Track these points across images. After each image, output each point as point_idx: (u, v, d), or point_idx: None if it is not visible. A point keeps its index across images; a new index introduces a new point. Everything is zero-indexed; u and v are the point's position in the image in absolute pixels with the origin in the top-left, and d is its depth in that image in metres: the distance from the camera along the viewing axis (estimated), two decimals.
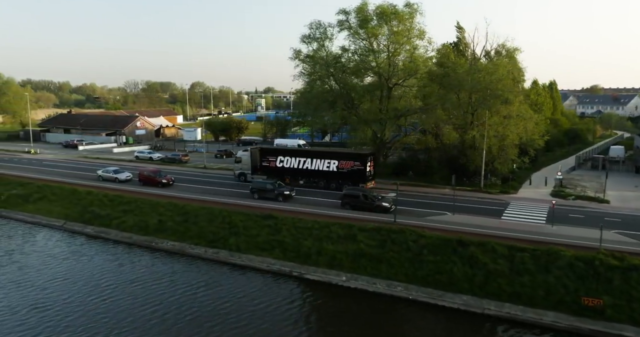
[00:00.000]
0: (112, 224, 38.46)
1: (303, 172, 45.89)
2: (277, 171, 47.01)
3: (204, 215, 37.28)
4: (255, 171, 48.72)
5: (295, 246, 31.56)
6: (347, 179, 43.75)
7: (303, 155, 46.19)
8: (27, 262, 32.88)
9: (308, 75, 52.93)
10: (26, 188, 48.30)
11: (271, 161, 47.38)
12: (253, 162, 48.67)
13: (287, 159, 46.42)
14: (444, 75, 44.48)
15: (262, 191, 42.14)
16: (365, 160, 43.30)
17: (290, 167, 46.36)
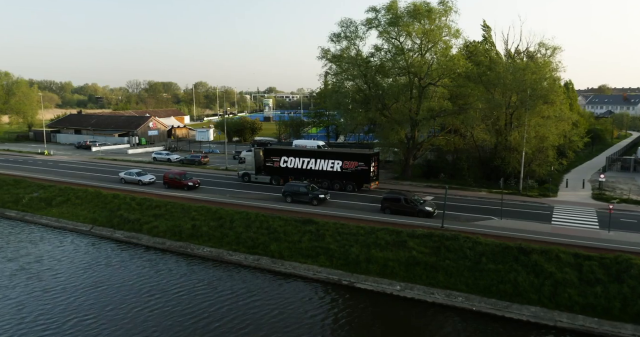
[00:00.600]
0: (143, 229, 37.06)
1: (307, 173, 45.70)
2: (281, 171, 46.94)
3: (240, 220, 35.86)
4: (259, 171, 48.64)
5: (342, 252, 30.16)
6: (351, 179, 43.66)
7: (307, 155, 45.92)
8: (60, 269, 31.52)
9: (335, 75, 51.48)
10: (48, 191, 46.88)
11: (275, 161, 47.26)
12: (257, 163, 48.55)
13: (290, 160, 46.31)
14: (481, 74, 43.09)
15: (296, 194, 40.74)
16: (369, 160, 43.02)
17: (294, 168, 46.19)
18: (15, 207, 44.70)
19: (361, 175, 43.36)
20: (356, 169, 43.39)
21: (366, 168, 43.10)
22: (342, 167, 43.95)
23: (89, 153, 77.06)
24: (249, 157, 49.20)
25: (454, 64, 42.13)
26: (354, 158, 43.61)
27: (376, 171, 44.85)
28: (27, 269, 31.53)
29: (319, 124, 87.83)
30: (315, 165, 45.20)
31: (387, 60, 46.91)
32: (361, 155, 43.94)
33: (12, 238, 38.29)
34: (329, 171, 44.62)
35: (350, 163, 43.54)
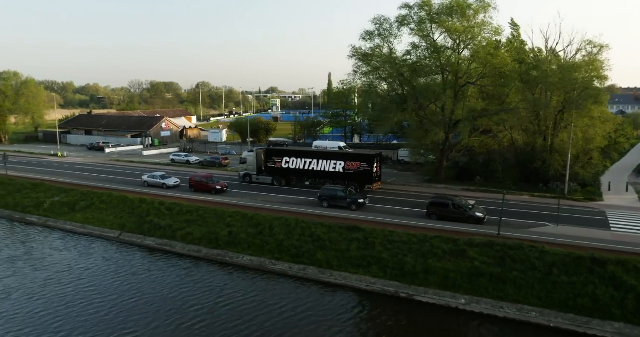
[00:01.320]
0: (176, 236, 35.20)
1: (309, 173, 45.45)
2: (283, 171, 46.68)
3: (280, 226, 34.03)
4: (260, 172, 48.39)
5: (396, 262, 28.33)
6: (353, 180, 43.23)
7: (309, 156, 45.54)
8: (92, 279, 29.68)
9: (364, 75, 49.63)
10: (69, 195, 45.03)
11: (277, 162, 46.92)
12: (258, 163, 48.26)
13: (292, 160, 45.98)
14: (523, 72, 41.32)
15: (333, 198, 38.93)
16: (372, 161, 42.62)
17: (296, 168, 45.86)
18: (37, 212, 42.84)
19: (364, 176, 42.80)
20: (359, 170, 42.86)
21: (369, 169, 42.50)
22: (344, 168, 43.47)
23: (103, 155, 75.22)
24: (250, 157, 48.82)
25: (499, 61, 40.27)
26: (357, 159, 43.16)
27: (379, 171, 44.34)
28: (57, 280, 29.68)
29: (336, 124, 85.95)
30: (317, 166, 44.77)
31: (423, 59, 45.03)
32: (364, 156, 43.55)
33: (37, 245, 36.47)
34: (331, 171, 44.21)
35: (353, 164, 43.02)
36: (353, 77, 51.02)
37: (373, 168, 42.76)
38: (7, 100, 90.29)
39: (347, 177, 43.58)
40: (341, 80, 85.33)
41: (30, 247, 36.17)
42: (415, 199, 41.71)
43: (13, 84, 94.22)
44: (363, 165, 42.80)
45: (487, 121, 45.43)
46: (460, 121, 42.83)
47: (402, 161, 63.01)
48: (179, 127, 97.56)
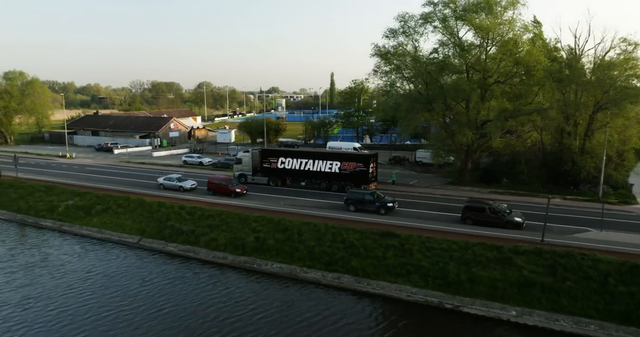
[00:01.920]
0: (200, 242, 33.73)
1: (305, 174, 45.26)
2: (279, 172, 46.56)
3: (309, 232, 32.56)
4: (256, 172, 48.30)
5: (437, 271, 26.87)
6: (349, 180, 43.09)
7: (305, 156, 45.41)
8: (115, 288, 28.19)
9: (385, 74, 48.15)
10: (84, 198, 43.55)
11: (272, 162, 46.78)
12: (254, 163, 48.22)
13: (288, 160, 45.80)
14: (556, 71, 39.87)
15: (360, 202, 37.47)
16: (368, 161, 42.50)
17: (292, 168, 45.68)
18: (51, 216, 41.33)
19: (360, 176, 42.58)
20: (355, 170, 42.74)
21: (365, 169, 42.35)
22: (340, 168, 43.32)
23: (112, 156, 73.77)
24: (245, 158, 48.72)
25: (533, 60, 38.77)
26: (353, 159, 43.19)
27: (375, 171, 44.05)
28: (78, 289, 28.21)
29: (348, 124, 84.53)
30: (313, 166, 44.52)
31: (448, 57, 43.54)
32: (360, 156, 43.64)
33: (53, 251, 34.97)
34: (327, 171, 44.01)
35: (349, 164, 42.92)
36: (373, 77, 49.49)
37: (369, 168, 42.47)
38: (12, 101, 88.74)
39: (343, 178, 43.39)
40: (353, 80, 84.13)
41: (47, 253, 34.71)
42: (444, 203, 40.29)
43: (18, 83, 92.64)
44: (359, 165, 42.56)
45: (513, 121, 44.00)
46: (491, 121, 41.35)
47: (420, 162, 61.59)
48: (187, 127, 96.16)
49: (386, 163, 64.12)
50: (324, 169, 44.11)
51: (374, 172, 43.65)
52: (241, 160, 49.06)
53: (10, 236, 38.59)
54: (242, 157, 49.05)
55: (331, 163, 43.67)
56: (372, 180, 43.50)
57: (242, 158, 49.00)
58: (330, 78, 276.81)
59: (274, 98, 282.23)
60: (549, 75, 40.87)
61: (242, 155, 49.28)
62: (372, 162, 43.04)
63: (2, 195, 46.77)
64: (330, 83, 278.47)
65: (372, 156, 43.69)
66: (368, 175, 42.51)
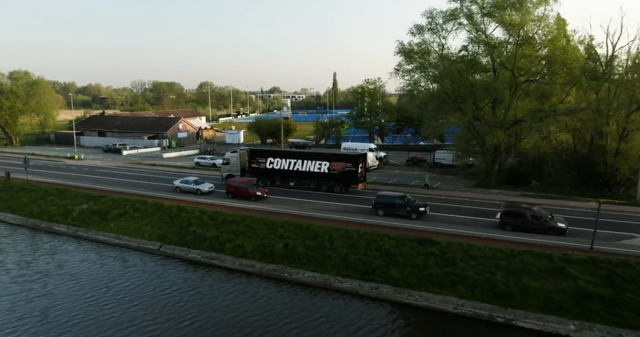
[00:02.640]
0: (225, 249, 32.12)
1: (293, 174, 45.23)
2: (267, 172, 46.49)
3: (341, 239, 30.97)
4: (244, 173, 48.39)
5: (484, 281, 25.28)
6: (338, 180, 43.21)
7: (294, 156, 45.48)
8: (136, 297, 26.60)
9: (408, 72, 46.54)
10: (99, 202, 41.95)
11: (261, 162, 46.69)
12: (242, 164, 48.30)
13: (277, 161, 45.81)
14: (590, 69, 38.28)
15: (390, 206, 35.88)
16: (356, 161, 42.57)
17: (281, 169, 45.66)
18: (65, 221, 39.72)
19: (349, 176, 42.71)
20: (343, 171, 42.77)
21: (354, 169, 42.38)
22: (329, 168, 43.39)
23: (121, 157, 72.19)
24: (233, 158, 48.67)
25: (570, 57, 37.16)
26: (342, 159, 43.27)
27: (363, 172, 44.15)
28: (97, 299, 26.63)
29: (361, 125, 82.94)
30: (302, 166, 44.56)
31: (478, 55, 41.94)
32: (349, 157, 43.66)
33: (69, 257, 33.34)
34: (316, 172, 44.03)
35: (338, 164, 43.00)
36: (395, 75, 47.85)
37: (358, 168, 42.48)
38: (18, 101, 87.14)
39: (332, 178, 43.41)
40: (366, 79, 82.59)
41: (62, 260, 33.10)
42: (476, 207, 38.70)
43: (24, 83, 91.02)
44: (348, 165, 42.53)
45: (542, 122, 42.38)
46: (523, 122, 39.75)
47: (439, 163, 60.01)
48: (196, 128, 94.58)
49: (403, 164, 62.61)
50: (313, 170, 44.05)
51: (362, 172, 43.72)
52: (229, 160, 48.98)
53: (24, 242, 37.01)
54: (230, 158, 48.89)
55: (320, 163, 43.65)
56: (361, 180, 43.58)
57: (230, 158, 48.87)
58: (332, 78, 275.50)
59: (276, 98, 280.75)
60: (583, 74, 39.28)
61: (230, 156, 49.08)
62: (360, 163, 43.10)
63: (13, 199, 45.18)
64: (333, 83, 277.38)
65: (360, 156, 43.84)
66: (357, 175, 42.50)
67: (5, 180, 50.97)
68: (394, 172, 57.20)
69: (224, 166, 49.80)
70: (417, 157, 63.37)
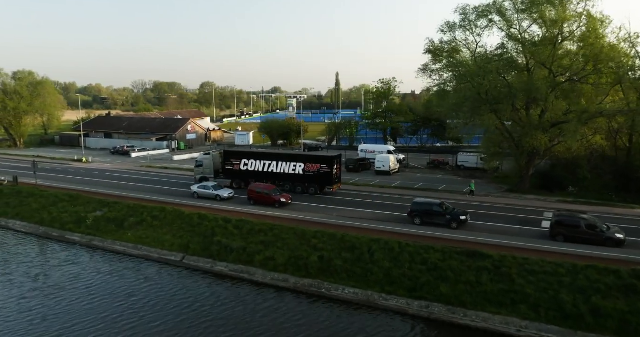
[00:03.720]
0: (254, 261, 29.85)
1: (268, 175, 44.82)
2: (242, 174, 45.96)
3: (381, 251, 28.70)
4: (217, 175, 47.74)
5: (549, 300, 23.01)
6: (313, 182, 42.98)
7: (268, 158, 45.10)
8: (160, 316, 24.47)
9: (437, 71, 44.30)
10: (114, 209, 39.68)
11: (235, 164, 46.19)
12: (215, 166, 47.66)
13: (251, 162, 45.40)
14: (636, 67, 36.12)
15: (428, 214, 33.61)
16: (332, 163, 42.37)
17: (255, 170, 45.23)
18: (78, 229, 37.45)
19: (324, 178, 42.56)
20: (318, 172, 42.60)
21: (329, 171, 42.26)
22: (304, 169, 43.18)
23: (130, 160, 69.89)
24: (206, 160, 48.05)
25: (616, 55, 34.92)
26: (317, 161, 42.99)
27: (338, 173, 44.02)
28: (121, 317, 24.53)
29: (376, 126, 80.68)
30: (277, 168, 44.32)
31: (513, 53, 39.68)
32: (324, 158, 43.39)
33: (84, 270, 31.01)
34: (291, 173, 43.82)
35: (313, 166, 42.80)
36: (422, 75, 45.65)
37: (333, 170, 42.34)
38: (22, 101, 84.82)
39: (307, 179, 43.13)
40: (380, 79, 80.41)
41: (77, 272, 30.85)
42: (516, 214, 36.45)
43: (28, 84, 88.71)
44: (323, 167, 42.36)
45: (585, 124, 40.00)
46: (564, 123, 37.50)
47: (462, 166, 57.78)
48: (204, 129, 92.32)
49: (424, 167, 60.36)
50: (288, 171, 43.77)
51: (337, 173, 43.56)
52: (202, 163, 48.16)
53: (35, 252, 34.76)
54: (203, 160, 48.22)
55: (295, 165, 43.46)
56: (336, 181, 43.45)
57: (203, 161, 48.19)
58: (335, 78, 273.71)
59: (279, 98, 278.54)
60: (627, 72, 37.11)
61: (203, 158, 48.41)
62: (335, 164, 42.88)
63: (22, 205, 42.91)
64: (336, 83, 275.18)
65: (335, 158, 43.44)
66: (332, 176, 42.32)
67: (13, 185, 48.70)
68: (416, 175, 54.93)
69: (197, 169, 48.70)
70: (439, 159, 61.10)
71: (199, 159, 49.16)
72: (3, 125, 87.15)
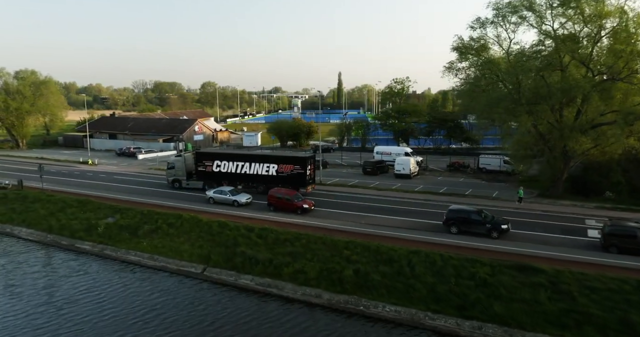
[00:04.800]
0: (282, 274, 27.60)
1: (241, 177, 44.43)
2: (214, 175, 45.35)
3: (421, 263, 26.50)
4: (190, 177, 46.84)
5: (618, 322, 20.76)
6: (286, 183, 42.30)
7: (241, 159, 44.47)
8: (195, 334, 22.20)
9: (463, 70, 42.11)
10: (126, 216, 37.44)
11: (207, 166, 45.44)
12: (188, 167, 46.74)
13: (224, 164, 44.75)
14: None
15: (465, 222, 31.40)
16: (305, 164, 41.92)
17: (228, 172, 44.72)
18: (89, 237, 35.16)
19: (297, 179, 42.14)
20: (292, 173, 42.25)
21: (302, 171, 41.88)
22: (277, 171, 42.79)
23: (136, 162, 67.70)
24: (178, 162, 47.07)
25: None
26: (290, 161, 42.55)
27: (312, 174, 43.64)
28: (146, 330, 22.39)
29: (390, 127, 78.47)
30: (250, 169, 43.88)
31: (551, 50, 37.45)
32: (297, 159, 42.81)
33: (97, 280, 28.74)
34: (264, 175, 43.42)
35: (286, 167, 42.40)
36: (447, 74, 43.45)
37: (307, 171, 41.91)
38: (25, 101, 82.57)
39: (280, 181, 42.52)
40: (394, 79, 78.24)
41: (89, 284, 28.56)
42: (556, 222, 34.26)
43: (30, 83, 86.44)
44: (296, 168, 41.98)
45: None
46: (605, 125, 35.33)
47: (484, 169, 55.59)
48: (212, 130, 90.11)
49: (444, 170, 58.18)
50: (261, 172, 43.33)
51: (311, 174, 43.17)
52: (174, 165, 47.03)
53: (43, 262, 32.48)
54: (175, 162, 47.21)
55: (268, 166, 43.02)
56: (310, 182, 43.05)
57: (175, 163, 47.15)
58: (337, 78, 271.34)
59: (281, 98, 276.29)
60: None
61: (175, 160, 47.47)
62: (309, 165, 42.37)
63: (28, 211, 40.62)
64: (338, 83, 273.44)
65: (309, 158, 42.86)
66: (305, 178, 41.90)
67: (18, 189, 46.44)
68: (437, 179, 52.79)
69: (169, 171, 47.48)
70: (458, 162, 58.92)
71: (170, 161, 47.88)
72: (5, 126, 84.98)
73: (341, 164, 64.48)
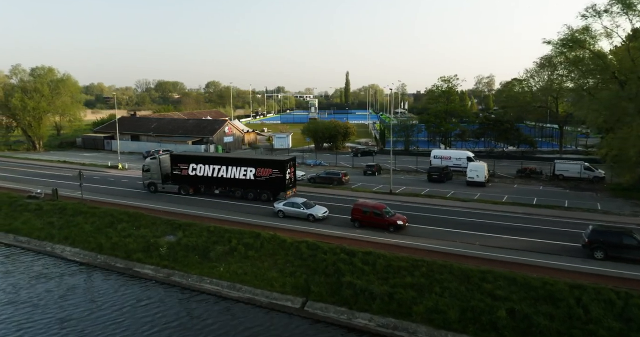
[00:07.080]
0: (412, 314, 22.27)
1: (218, 181, 42.65)
2: (190, 179, 43.62)
3: (593, 302, 21.07)
4: (166, 180, 44.94)
5: None
6: (265, 187, 40.74)
7: (218, 162, 42.55)
8: None
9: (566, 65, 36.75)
10: (190, 233, 32.03)
11: (183, 169, 43.69)
12: (163, 170, 44.82)
13: (200, 167, 42.99)
14: None
15: (614, 247, 26.01)
16: (284, 167, 40.06)
17: (204, 176, 42.95)
18: (150, 259, 29.80)
19: (276, 183, 40.31)
20: (270, 177, 40.43)
21: (281, 175, 40.12)
22: (255, 174, 40.96)
23: None
24: (153, 165, 45.05)
25: None
26: (268, 165, 40.75)
27: (292, 177, 41.61)
28: None
29: (435, 128, 73.19)
30: (227, 173, 41.91)
31: None
32: (276, 162, 40.99)
33: (168, 316, 23.46)
34: (241, 179, 41.48)
35: (264, 170, 40.58)
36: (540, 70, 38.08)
37: (286, 175, 40.13)
38: (43, 100, 77.08)
39: (259, 185, 40.89)
40: (441, 77, 72.96)
41: (156, 320, 23.40)
42: None
43: (49, 81, 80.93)
44: (275, 171, 40.18)
45: None
46: None
47: (560, 176, 50.27)
48: (241, 131, 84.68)
49: (513, 177, 52.86)
50: (239, 176, 41.43)
51: (291, 178, 41.29)
52: (149, 167, 44.93)
53: (96, 289, 27.06)
54: (150, 164, 45.04)
55: (246, 169, 41.14)
56: (290, 186, 41.15)
57: (150, 165, 45.00)
58: (345, 77, 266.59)
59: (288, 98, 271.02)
60: None
61: (150, 162, 45.24)
62: (288, 168, 40.57)
63: (70, 226, 35.22)
64: (345, 82, 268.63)
65: (288, 161, 40.87)
66: (285, 182, 40.10)
67: (52, 199, 40.95)
68: (514, 187, 47.52)
69: (145, 173, 45.38)
70: (530, 168, 53.57)
71: (145, 164, 45.67)
72: (21, 126, 79.49)
73: (394, 170, 59.15)
